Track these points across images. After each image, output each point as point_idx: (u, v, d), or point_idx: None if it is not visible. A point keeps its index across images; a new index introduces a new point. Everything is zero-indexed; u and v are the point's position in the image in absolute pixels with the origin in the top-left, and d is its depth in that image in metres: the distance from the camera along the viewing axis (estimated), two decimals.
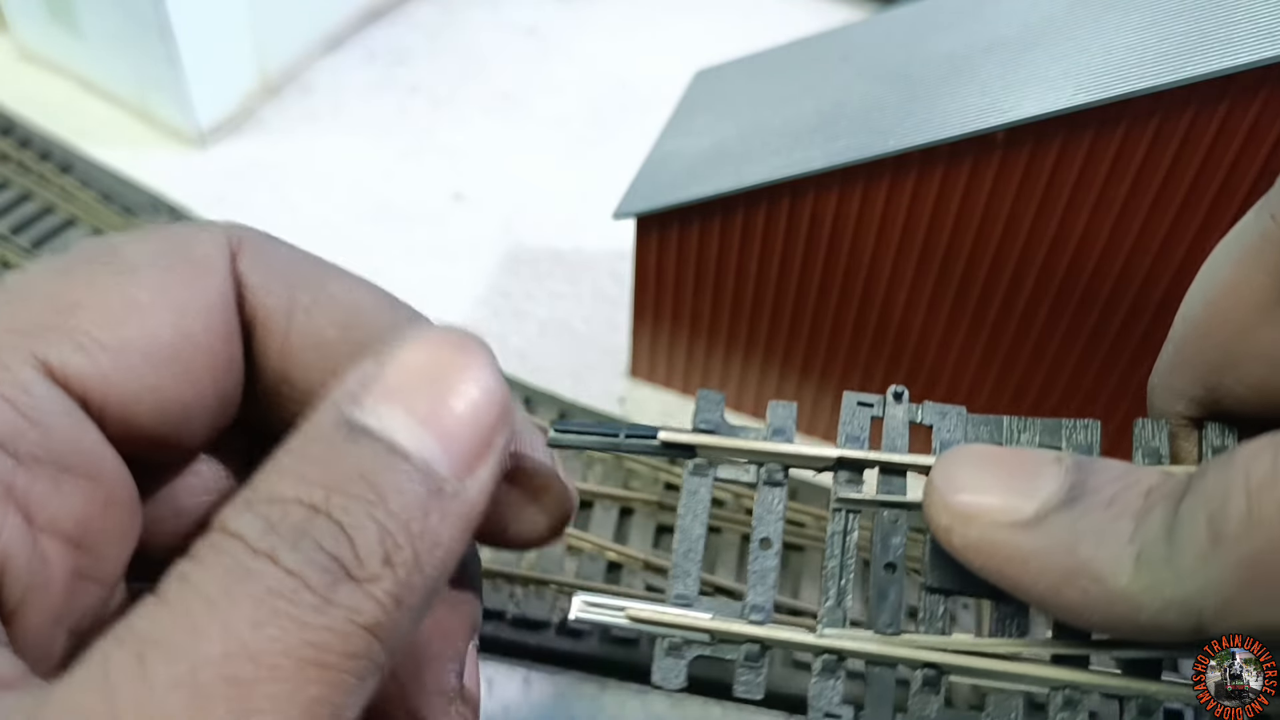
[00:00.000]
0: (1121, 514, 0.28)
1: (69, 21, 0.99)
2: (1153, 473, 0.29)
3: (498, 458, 0.29)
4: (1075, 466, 0.29)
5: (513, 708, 0.66)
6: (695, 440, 0.33)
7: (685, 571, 0.33)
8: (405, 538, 0.25)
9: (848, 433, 0.34)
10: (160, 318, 0.29)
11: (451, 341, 0.29)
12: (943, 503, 0.30)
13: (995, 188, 0.62)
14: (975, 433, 0.34)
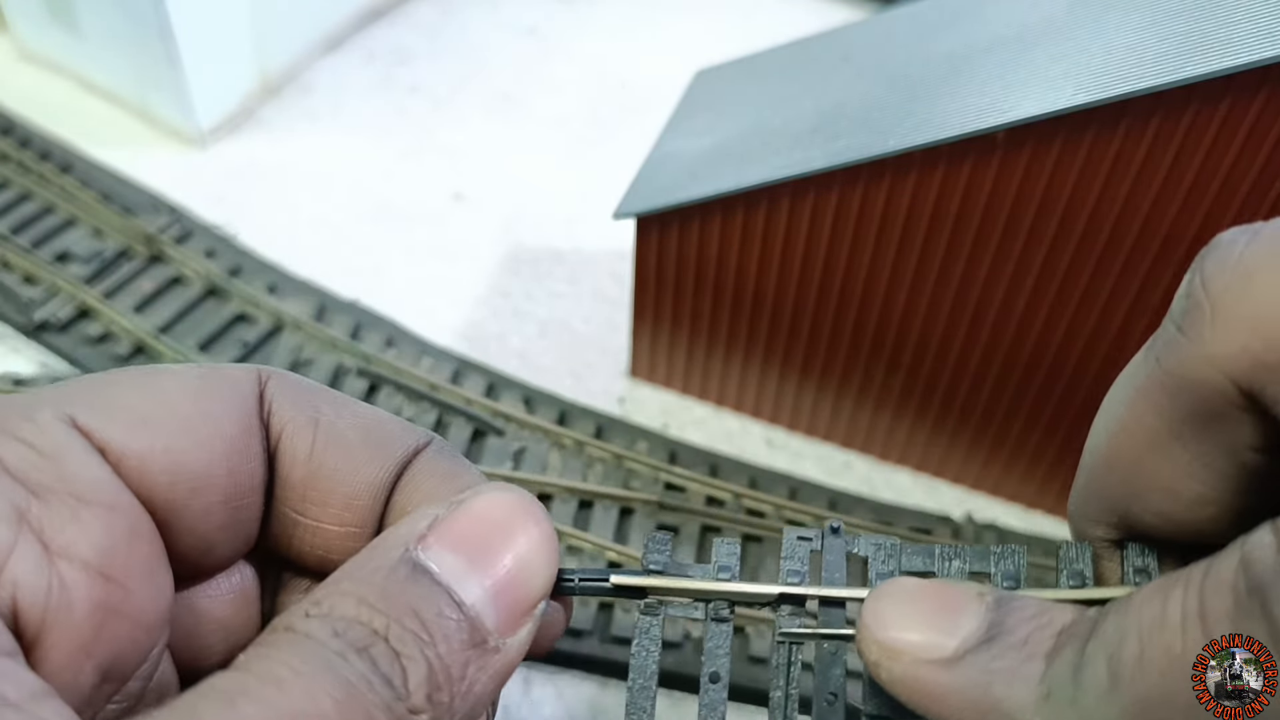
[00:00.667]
0: (1033, 654, 0.30)
1: (69, 21, 0.99)
2: (1067, 611, 0.31)
3: (538, 619, 0.32)
4: (995, 604, 0.31)
5: (512, 708, 0.66)
6: (645, 583, 0.36)
7: (640, 708, 0.35)
8: (446, 681, 0.28)
9: (788, 568, 0.36)
10: (184, 399, 0.32)
11: (516, 503, 0.32)
12: (872, 638, 0.32)
13: (995, 188, 0.62)
14: (909, 562, 0.36)
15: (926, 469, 0.81)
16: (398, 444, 0.36)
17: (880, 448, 0.82)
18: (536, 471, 0.76)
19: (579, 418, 0.81)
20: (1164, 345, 0.31)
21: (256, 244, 0.92)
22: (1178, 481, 0.31)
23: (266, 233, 0.93)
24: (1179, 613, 0.27)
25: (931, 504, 0.79)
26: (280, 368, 0.80)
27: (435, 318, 0.89)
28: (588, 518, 0.74)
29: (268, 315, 0.84)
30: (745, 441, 0.83)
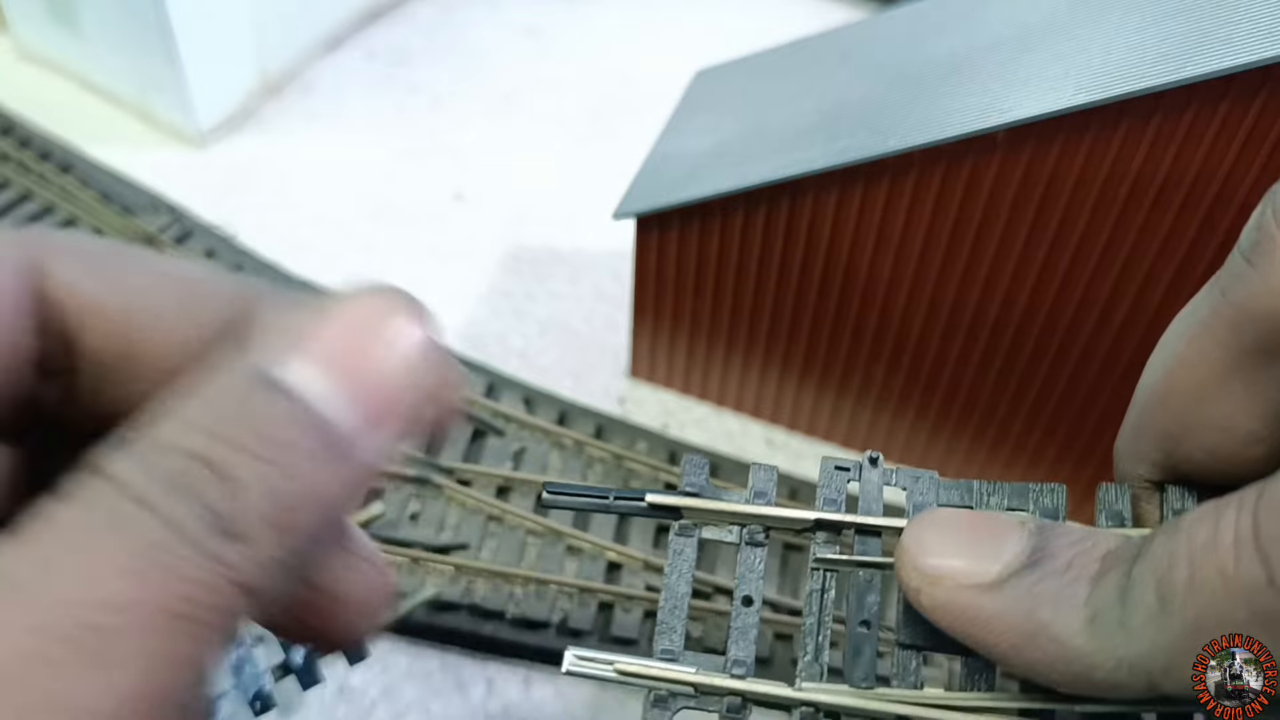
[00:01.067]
0: (1078, 578, 0.30)
1: (69, 21, 0.99)
2: (1110, 536, 0.31)
3: (404, 422, 0.27)
4: (1037, 530, 0.31)
5: (513, 708, 0.66)
6: (681, 503, 0.36)
7: (671, 628, 0.35)
8: (293, 498, 0.24)
9: (825, 495, 0.36)
10: None
11: (387, 300, 0.27)
12: (912, 565, 0.32)
13: (996, 188, 0.62)
14: (946, 496, 0.36)
15: (926, 469, 0.81)
16: (220, 299, 0.30)
17: (880, 448, 0.82)
18: (536, 471, 0.76)
19: (579, 418, 0.81)
20: (1229, 278, 0.31)
21: (256, 244, 0.92)
22: (1233, 417, 0.32)
23: (266, 232, 0.93)
24: (1231, 533, 0.27)
25: None
26: None
27: (435, 317, 0.89)
28: (587, 518, 0.74)
29: None
30: (745, 441, 0.83)
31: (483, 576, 0.70)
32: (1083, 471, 0.75)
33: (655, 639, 0.35)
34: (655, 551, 0.72)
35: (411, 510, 0.72)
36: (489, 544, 0.72)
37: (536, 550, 0.72)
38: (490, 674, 0.68)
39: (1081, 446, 0.74)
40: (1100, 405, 0.70)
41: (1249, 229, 0.31)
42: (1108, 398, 0.70)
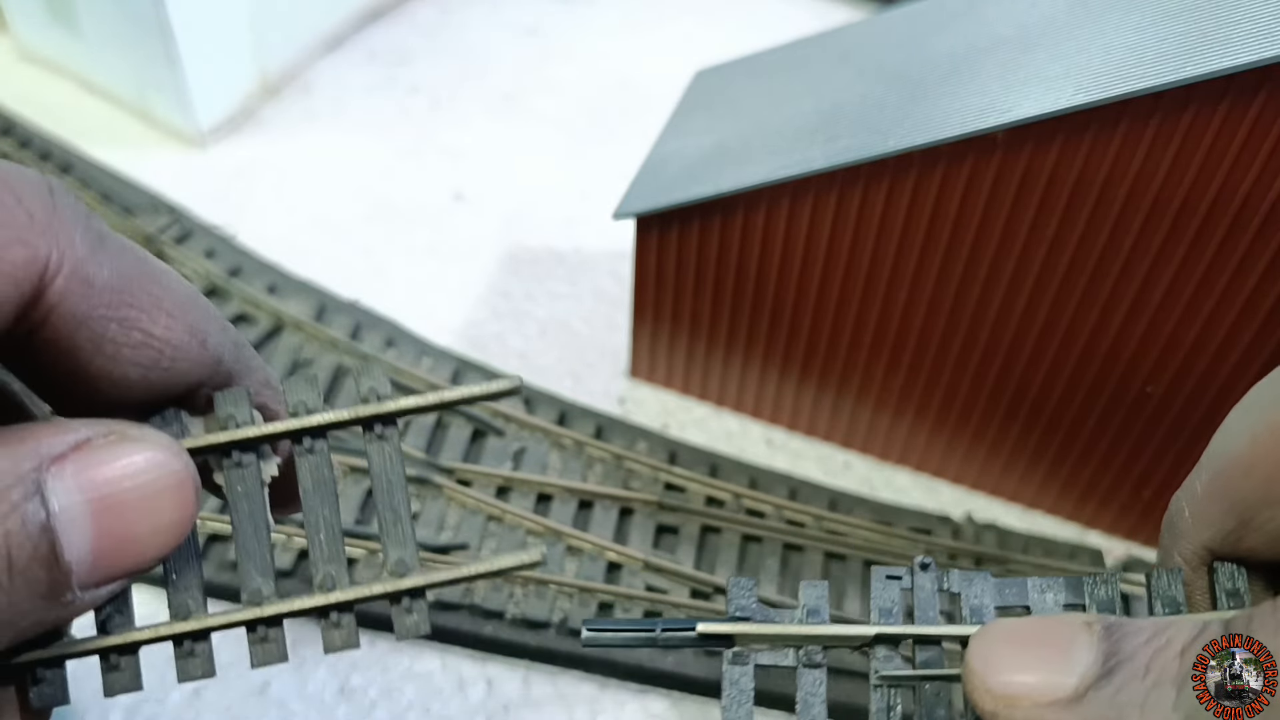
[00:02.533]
0: (1160, 681, 0.29)
1: (69, 22, 0.99)
2: (1183, 628, 0.30)
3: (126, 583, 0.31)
4: (1105, 633, 0.30)
5: (512, 708, 0.66)
6: (734, 629, 0.34)
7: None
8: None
9: (880, 606, 0.35)
10: None
11: (162, 476, 0.30)
12: (984, 688, 0.31)
13: (995, 188, 0.62)
14: (1002, 597, 0.35)
15: (926, 469, 0.81)
16: (179, 383, 0.32)
17: (880, 448, 0.82)
18: (536, 471, 0.76)
19: (579, 418, 0.81)
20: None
21: (256, 244, 0.92)
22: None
23: (266, 233, 0.93)
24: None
25: (931, 504, 0.79)
26: (279, 369, 0.81)
27: (435, 318, 0.89)
28: (587, 518, 0.74)
29: (268, 315, 0.84)
30: (745, 441, 0.83)
31: (482, 576, 0.69)
32: (1082, 471, 0.75)
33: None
34: (655, 552, 0.72)
35: (411, 510, 0.72)
36: (489, 544, 0.72)
37: (536, 550, 0.72)
38: (490, 674, 0.68)
39: (1081, 446, 0.74)
40: (1100, 405, 0.70)
41: None
42: (1108, 397, 0.70)
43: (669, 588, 0.70)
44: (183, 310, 0.32)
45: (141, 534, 0.30)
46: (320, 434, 0.35)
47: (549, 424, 0.79)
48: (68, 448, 0.28)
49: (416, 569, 0.34)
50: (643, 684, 0.68)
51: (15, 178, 0.29)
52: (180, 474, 0.31)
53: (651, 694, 0.68)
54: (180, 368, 0.32)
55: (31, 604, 0.28)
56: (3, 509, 0.26)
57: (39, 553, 0.27)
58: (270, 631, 0.33)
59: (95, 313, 0.30)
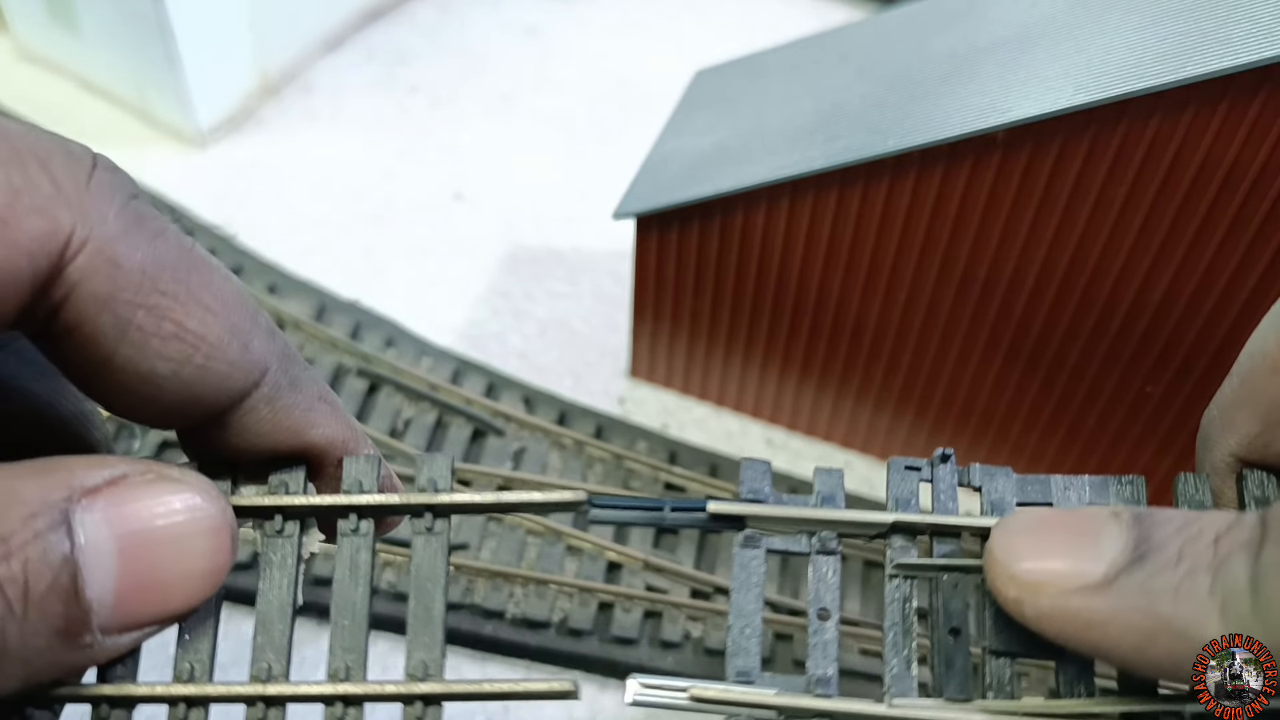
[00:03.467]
0: (1195, 568, 0.28)
1: (69, 21, 0.99)
2: (1214, 518, 0.29)
3: (153, 634, 0.29)
4: (1134, 521, 0.30)
5: (513, 707, 0.66)
6: (745, 510, 0.33)
7: (744, 648, 0.32)
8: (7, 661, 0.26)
9: (896, 496, 0.34)
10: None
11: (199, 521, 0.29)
12: (1007, 574, 0.30)
13: (995, 187, 0.62)
14: (1023, 493, 0.34)
15: None
16: (218, 388, 0.30)
17: (880, 448, 0.82)
18: (536, 471, 0.76)
19: (579, 418, 0.81)
20: None
21: (256, 244, 0.92)
22: None
23: (266, 233, 0.93)
24: None
25: None
26: None
27: (435, 318, 0.89)
28: None
29: (268, 315, 0.84)
30: (745, 441, 0.83)
31: (483, 576, 0.70)
32: (1082, 471, 0.75)
33: (728, 660, 0.32)
34: (655, 551, 0.72)
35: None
36: (489, 544, 0.72)
37: (536, 550, 0.72)
38: (490, 673, 0.68)
39: (1081, 447, 0.74)
40: (1100, 404, 0.70)
41: None
42: (1108, 396, 0.70)
43: (669, 588, 0.70)
44: (224, 307, 0.30)
45: (170, 579, 0.29)
46: (368, 514, 0.33)
47: (549, 424, 0.79)
48: (102, 481, 0.27)
49: (439, 675, 0.31)
50: None
51: (48, 147, 0.27)
52: (216, 521, 0.29)
53: None
54: (217, 369, 0.30)
55: (47, 640, 0.26)
56: (25, 535, 0.25)
57: (58, 584, 0.26)
58: (270, 713, 0.31)
59: (121, 295, 0.28)
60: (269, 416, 0.31)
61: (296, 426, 0.32)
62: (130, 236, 0.28)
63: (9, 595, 0.25)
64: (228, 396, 0.30)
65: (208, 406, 0.30)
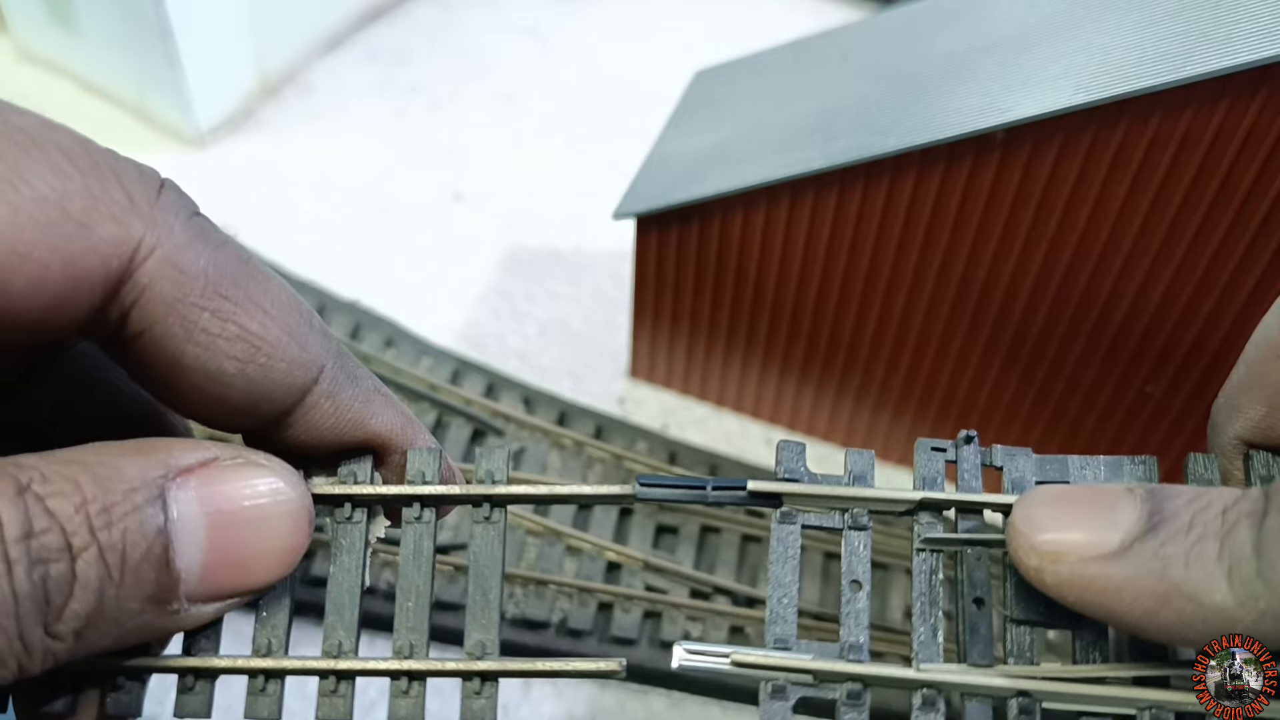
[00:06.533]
0: (1204, 536, 0.30)
1: (69, 22, 0.99)
2: (1223, 492, 0.31)
3: (235, 605, 0.32)
4: (1148, 495, 0.32)
5: (512, 708, 0.66)
6: (782, 489, 0.35)
7: (782, 616, 0.34)
8: (103, 623, 0.28)
9: (923, 475, 0.36)
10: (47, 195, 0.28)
11: (285, 505, 0.31)
12: (1029, 544, 0.32)
13: (995, 187, 0.62)
14: (1043, 472, 0.36)
15: None
16: (281, 385, 0.33)
17: (880, 448, 0.82)
18: (536, 471, 0.76)
19: (579, 418, 0.81)
20: None
21: (256, 244, 0.92)
22: None
23: (266, 233, 0.93)
24: None
25: None
26: None
27: (435, 318, 0.89)
28: (587, 518, 0.74)
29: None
30: (745, 441, 0.83)
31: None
32: None
33: (767, 628, 0.34)
34: (655, 552, 0.72)
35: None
36: None
37: (536, 550, 0.72)
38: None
39: (1082, 446, 0.74)
40: (1100, 404, 0.70)
41: None
42: (1108, 396, 0.70)
43: (669, 588, 0.70)
44: (281, 311, 0.33)
45: (253, 555, 0.31)
46: (430, 503, 0.36)
47: (549, 424, 0.79)
48: (196, 463, 0.30)
49: (495, 655, 0.35)
50: (643, 684, 0.68)
51: (124, 165, 0.30)
52: (297, 505, 0.32)
53: (652, 694, 0.68)
54: (278, 367, 0.32)
55: (140, 604, 0.29)
56: (125, 508, 0.28)
57: (151, 554, 0.28)
58: (341, 685, 0.34)
59: (187, 299, 0.30)
60: (331, 411, 0.34)
61: (357, 418, 0.35)
62: (195, 246, 0.31)
63: (108, 561, 0.27)
64: (290, 394, 0.33)
65: (274, 404, 0.33)
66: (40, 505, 0.27)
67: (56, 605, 0.27)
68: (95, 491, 0.27)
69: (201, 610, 0.31)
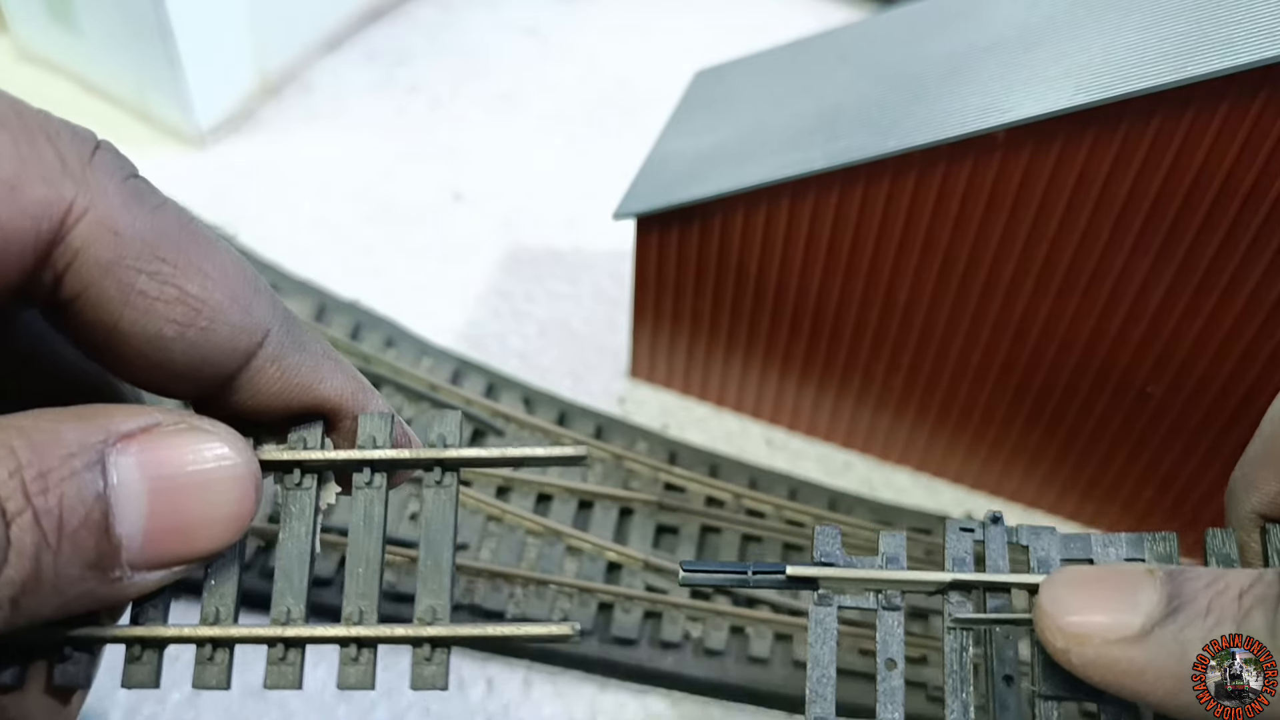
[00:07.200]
0: (1221, 620, 0.32)
1: (69, 22, 0.99)
2: (1240, 575, 0.33)
3: (180, 573, 0.31)
4: (1168, 578, 0.33)
5: (512, 708, 0.66)
6: (819, 573, 0.37)
7: (821, 695, 0.36)
8: (42, 591, 0.28)
9: (953, 555, 0.38)
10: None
11: (229, 471, 0.31)
12: (1055, 626, 0.33)
13: (996, 188, 0.62)
14: (1067, 550, 0.37)
15: (926, 469, 0.81)
16: (223, 350, 0.32)
17: (880, 448, 0.82)
18: (536, 471, 0.76)
19: (579, 418, 0.81)
20: None
21: (256, 244, 0.92)
22: None
23: (266, 233, 0.93)
24: None
25: (931, 504, 0.79)
26: None
27: (435, 318, 0.89)
28: (587, 518, 0.74)
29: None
30: (745, 441, 0.83)
31: (483, 576, 0.70)
32: (1083, 471, 0.75)
33: (807, 708, 0.35)
34: (655, 552, 0.72)
35: (411, 510, 0.72)
36: (488, 544, 0.72)
37: (536, 550, 0.72)
38: (490, 674, 0.68)
39: (1082, 446, 0.74)
40: (1100, 406, 0.70)
41: None
42: (1107, 398, 0.70)
43: (669, 588, 0.70)
44: (224, 275, 0.32)
45: (196, 522, 0.31)
46: (382, 468, 0.35)
47: (549, 424, 0.79)
48: (137, 428, 0.29)
49: (446, 620, 0.34)
50: (643, 684, 0.68)
51: (57, 126, 0.30)
52: (241, 470, 0.31)
53: (651, 694, 0.68)
54: (220, 331, 0.31)
55: (79, 571, 0.28)
56: (63, 473, 0.28)
57: (90, 520, 0.28)
58: (290, 653, 0.33)
59: (123, 262, 0.30)
60: (277, 375, 0.33)
61: (305, 382, 0.34)
62: (131, 208, 0.30)
63: (44, 526, 0.27)
64: (233, 358, 0.32)
65: (216, 368, 0.32)
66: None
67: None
68: (30, 457, 0.27)
69: (146, 578, 0.30)
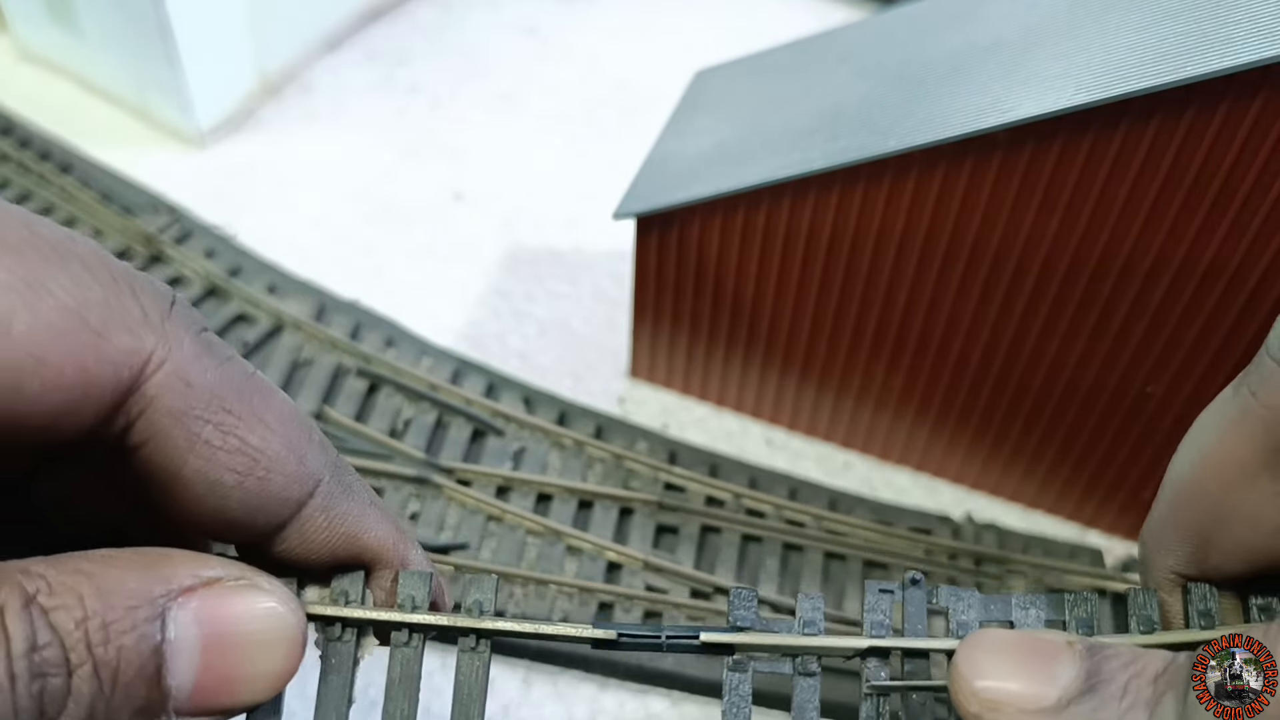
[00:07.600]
0: (1135, 704, 0.31)
1: (69, 22, 0.99)
2: (1157, 657, 0.33)
3: None
4: (1087, 653, 0.33)
5: (512, 708, 0.66)
6: (734, 639, 0.36)
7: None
8: None
9: (871, 619, 0.37)
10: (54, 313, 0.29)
11: (280, 629, 0.32)
12: (969, 690, 0.33)
13: (996, 188, 0.62)
14: (987, 612, 0.37)
15: (926, 469, 0.81)
16: (278, 499, 0.34)
17: (880, 448, 0.82)
18: (536, 471, 0.76)
19: (579, 418, 0.81)
20: (1258, 379, 0.33)
21: (256, 244, 0.92)
22: (1262, 510, 0.33)
23: (266, 233, 0.93)
24: None
25: (931, 504, 0.79)
26: (278, 369, 0.80)
27: (435, 318, 0.89)
28: (587, 518, 0.74)
29: (268, 315, 0.84)
30: (745, 441, 0.83)
31: None
32: (1083, 471, 0.75)
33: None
34: (655, 552, 0.72)
35: (411, 510, 0.73)
36: (489, 544, 0.72)
37: (536, 550, 0.72)
38: (490, 674, 0.68)
39: (1081, 446, 0.74)
40: (1099, 406, 0.70)
41: (1276, 332, 0.32)
42: (1107, 399, 0.70)
43: (669, 588, 0.70)
44: (282, 425, 0.33)
45: (244, 677, 0.32)
46: (419, 631, 0.37)
47: (549, 424, 0.79)
48: (199, 582, 0.31)
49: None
50: (643, 684, 0.68)
51: (139, 280, 0.32)
52: (294, 631, 0.33)
53: (651, 694, 0.68)
54: (276, 480, 0.33)
55: (128, 716, 0.29)
56: (125, 624, 0.29)
57: (144, 672, 0.29)
58: None
59: (192, 411, 0.31)
60: (324, 524, 0.35)
61: (351, 531, 0.36)
62: (202, 360, 0.32)
63: (102, 677, 0.28)
64: (287, 507, 0.34)
65: (270, 516, 0.34)
66: (44, 619, 0.27)
67: (49, 717, 0.27)
68: (96, 606, 0.28)
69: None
